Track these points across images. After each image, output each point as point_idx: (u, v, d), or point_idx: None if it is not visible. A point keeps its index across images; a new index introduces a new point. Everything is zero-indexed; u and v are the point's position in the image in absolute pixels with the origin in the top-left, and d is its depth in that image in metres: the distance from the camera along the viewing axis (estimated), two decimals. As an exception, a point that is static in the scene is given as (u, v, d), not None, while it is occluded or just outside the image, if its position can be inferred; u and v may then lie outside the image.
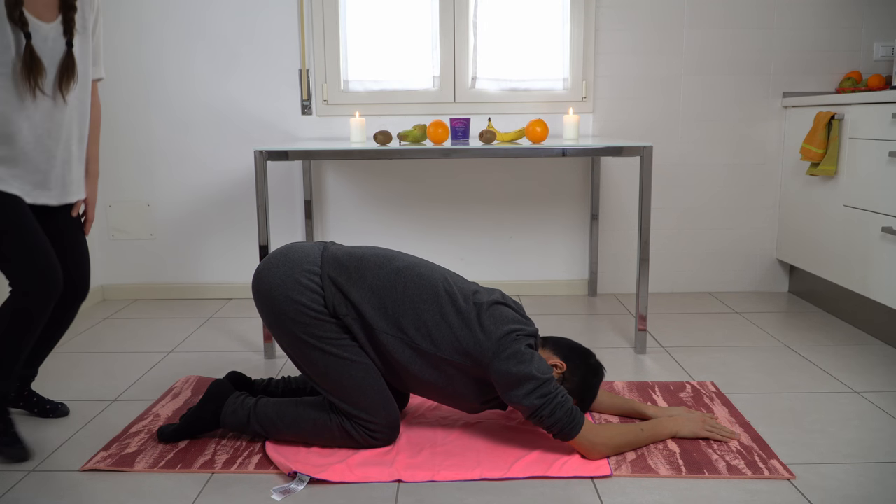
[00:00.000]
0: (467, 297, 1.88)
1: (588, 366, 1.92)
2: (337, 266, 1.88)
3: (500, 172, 3.49)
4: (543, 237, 3.55)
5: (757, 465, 1.81)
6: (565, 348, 1.93)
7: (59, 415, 2.16)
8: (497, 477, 1.77)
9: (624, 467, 1.80)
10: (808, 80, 3.40)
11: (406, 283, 1.87)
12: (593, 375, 1.93)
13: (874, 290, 2.72)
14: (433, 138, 2.74)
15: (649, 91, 3.42)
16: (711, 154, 3.47)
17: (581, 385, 1.91)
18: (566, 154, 2.57)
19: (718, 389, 2.31)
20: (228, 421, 1.95)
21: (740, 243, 3.55)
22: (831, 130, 2.93)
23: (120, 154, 3.48)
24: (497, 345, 1.80)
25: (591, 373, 1.93)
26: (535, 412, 1.77)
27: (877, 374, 2.44)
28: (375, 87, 3.43)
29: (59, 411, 2.16)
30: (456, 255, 3.56)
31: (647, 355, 2.67)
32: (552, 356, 1.91)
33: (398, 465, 1.83)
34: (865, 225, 2.76)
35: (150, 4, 3.35)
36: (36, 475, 1.82)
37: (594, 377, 1.93)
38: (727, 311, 3.25)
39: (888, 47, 3.35)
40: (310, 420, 1.89)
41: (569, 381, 1.90)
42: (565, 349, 1.93)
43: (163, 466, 1.84)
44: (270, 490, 1.73)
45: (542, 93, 3.42)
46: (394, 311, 1.84)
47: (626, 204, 3.52)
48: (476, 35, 3.40)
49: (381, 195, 3.51)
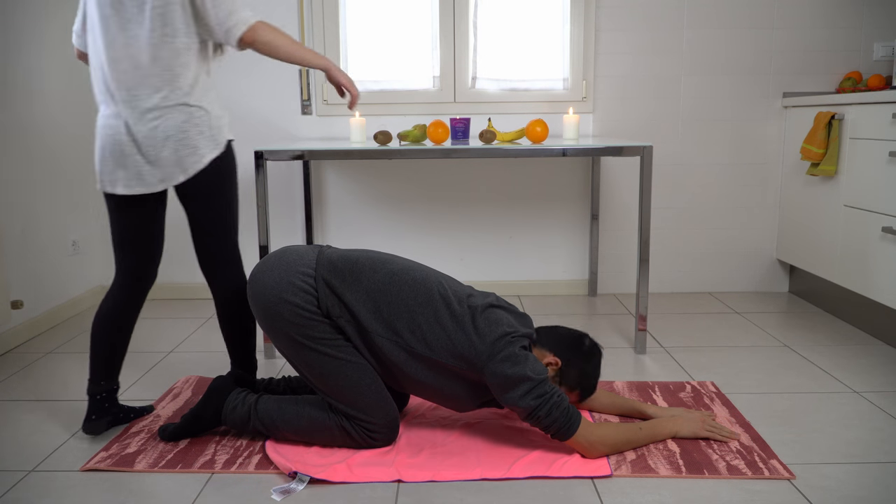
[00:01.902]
0: (462, 300, 1.88)
1: (582, 353, 1.91)
2: (331, 269, 1.88)
3: (500, 172, 3.49)
4: (543, 237, 3.55)
5: (757, 465, 1.81)
6: (557, 342, 1.92)
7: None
8: (497, 477, 1.77)
9: (624, 467, 1.80)
10: (808, 80, 3.40)
11: (401, 286, 1.87)
12: (589, 360, 1.92)
13: (874, 290, 2.72)
14: (433, 138, 2.74)
15: (649, 91, 3.42)
16: (711, 154, 3.47)
17: (580, 375, 1.91)
18: (566, 154, 2.57)
19: (718, 389, 2.31)
20: (230, 418, 1.95)
21: (740, 243, 3.55)
22: (831, 130, 2.93)
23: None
24: (491, 347, 1.80)
25: (587, 359, 1.91)
26: (532, 413, 1.77)
27: (877, 374, 2.44)
28: (375, 87, 3.43)
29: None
30: (456, 255, 3.56)
31: (647, 355, 2.67)
32: (546, 353, 1.91)
33: (398, 465, 1.83)
34: (865, 225, 2.76)
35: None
36: (36, 475, 1.82)
37: (591, 360, 1.92)
38: (727, 311, 3.25)
39: (888, 47, 3.35)
40: (310, 419, 1.89)
41: (566, 374, 1.90)
42: (557, 343, 1.92)
43: (163, 466, 1.84)
44: (270, 490, 1.73)
45: (542, 93, 3.42)
46: (388, 314, 1.84)
47: (626, 204, 3.52)
48: (476, 35, 3.40)
49: (381, 195, 3.51)
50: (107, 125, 1.91)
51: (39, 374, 2.53)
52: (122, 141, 1.89)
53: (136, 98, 1.88)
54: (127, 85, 1.88)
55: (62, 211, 3.21)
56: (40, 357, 2.72)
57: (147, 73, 1.87)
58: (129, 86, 1.88)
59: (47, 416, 2.17)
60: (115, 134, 1.89)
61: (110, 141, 1.90)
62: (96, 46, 1.90)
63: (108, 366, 2.02)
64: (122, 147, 1.89)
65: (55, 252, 3.16)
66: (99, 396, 2.01)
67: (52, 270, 3.13)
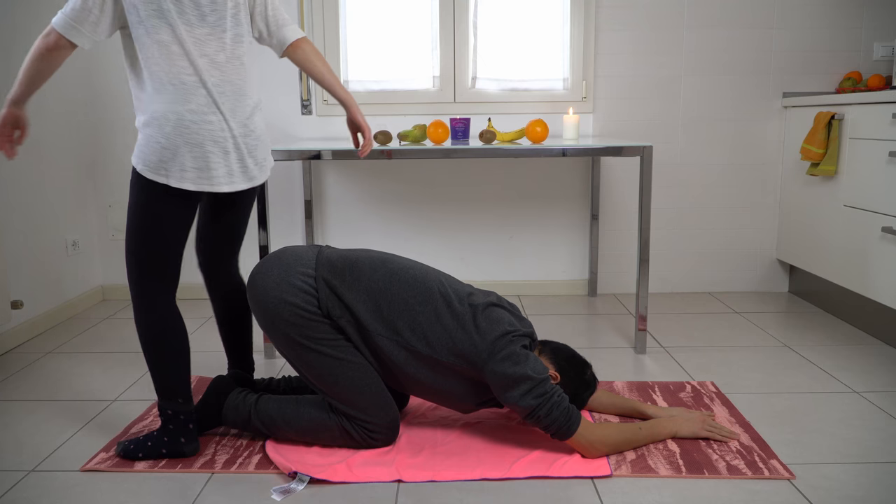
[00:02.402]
0: (462, 298, 1.88)
1: (581, 380, 1.91)
2: (331, 269, 1.88)
3: (500, 172, 3.49)
4: (543, 237, 3.55)
5: (757, 465, 1.81)
6: (562, 358, 1.92)
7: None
8: (497, 477, 1.77)
9: (624, 467, 1.80)
10: (808, 80, 3.40)
11: (401, 284, 1.87)
12: (585, 389, 1.93)
13: (874, 290, 2.72)
14: (433, 138, 2.74)
15: (649, 91, 3.42)
16: (711, 154, 3.47)
17: (572, 398, 1.91)
18: (566, 154, 2.57)
19: (718, 389, 2.31)
20: (230, 417, 1.95)
21: (740, 243, 3.55)
22: (831, 130, 2.93)
23: (120, 153, 3.48)
24: (492, 346, 1.80)
25: (584, 387, 1.92)
26: (532, 412, 1.77)
27: (877, 374, 2.44)
28: (375, 87, 3.43)
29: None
30: (456, 255, 3.57)
31: (647, 355, 2.67)
32: (548, 364, 1.91)
33: (398, 465, 1.83)
34: (865, 225, 2.76)
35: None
36: (36, 475, 1.82)
37: (585, 391, 1.93)
38: (727, 311, 3.25)
39: (888, 47, 3.35)
40: (310, 419, 1.89)
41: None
42: (562, 359, 1.91)
43: (163, 466, 1.84)
44: (270, 490, 1.73)
45: (542, 93, 3.42)
46: (388, 313, 1.84)
47: (626, 204, 3.52)
48: (476, 35, 3.40)
49: (381, 195, 3.51)
50: (203, 121, 1.83)
51: (39, 374, 2.53)
52: (224, 137, 1.86)
53: (232, 96, 1.88)
54: (222, 83, 1.87)
55: (62, 211, 3.22)
56: (40, 357, 2.72)
57: (236, 72, 1.88)
58: (225, 84, 1.87)
59: (47, 416, 2.17)
60: (215, 131, 1.84)
61: (210, 138, 1.84)
62: (182, 43, 1.82)
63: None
64: (224, 145, 1.86)
65: (55, 252, 3.16)
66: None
67: (52, 270, 3.13)
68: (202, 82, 1.82)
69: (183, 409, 1.86)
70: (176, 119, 1.79)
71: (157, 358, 1.85)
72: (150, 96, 1.81)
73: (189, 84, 1.80)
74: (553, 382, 1.88)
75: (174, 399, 1.86)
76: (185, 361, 1.87)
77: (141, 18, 1.76)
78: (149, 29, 1.77)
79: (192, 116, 1.81)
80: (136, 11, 1.76)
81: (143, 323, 1.85)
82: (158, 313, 1.85)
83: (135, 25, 1.77)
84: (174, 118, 1.79)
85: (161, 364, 1.85)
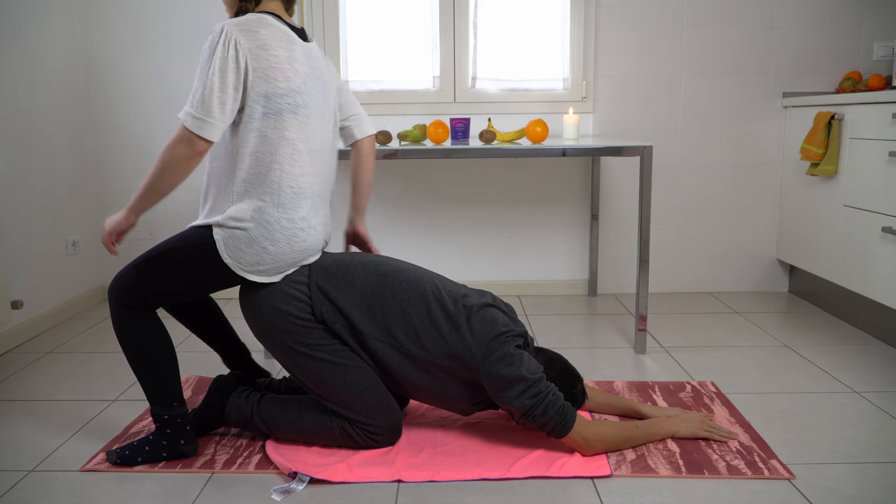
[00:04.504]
0: (456, 300, 1.87)
1: (570, 393, 1.91)
2: (325, 274, 1.87)
3: (500, 172, 3.49)
4: (543, 237, 3.55)
5: (757, 465, 1.81)
6: (554, 369, 1.91)
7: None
8: (497, 477, 1.77)
9: (624, 467, 1.80)
10: (808, 80, 3.40)
11: (394, 287, 1.86)
12: (571, 403, 1.92)
13: (874, 290, 2.72)
14: (433, 138, 2.74)
15: (649, 91, 3.42)
16: (712, 154, 3.47)
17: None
18: (566, 154, 2.57)
19: (718, 389, 2.31)
20: (233, 416, 1.95)
21: (740, 243, 3.55)
22: (831, 130, 2.93)
23: (119, 154, 3.48)
24: (486, 347, 1.79)
25: (571, 400, 1.92)
26: (528, 412, 1.77)
27: (877, 374, 2.44)
28: (375, 87, 3.43)
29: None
30: (456, 255, 3.56)
31: (647, 355, 2.67)
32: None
33: (398, 465, 1.83)
34: (865, 225, 2.76)
35: (153, 4, 3.35)
36: (36, 475, 1.82)
37: (574, 402, 1.93)
38: (727, 311, 3.25)
39: (888, 47, 3.35)
40: (311, 420, 1.89)
41: None
42: (554, 371, 1.91)
43: (163, 467, 1.84)
44: (270, 490, 1.73)
45: (542, 93, 3.42)
46: (382, 317, 1.84)
47: (626, 204, 3.52)
48: (476, 35, 3.40)
49: (381, 195, 3.51)
50: (310, 226, 1.88)
51: (39, 374, 2.53)
52: (319, 242, 1.93)
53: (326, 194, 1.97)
54: (327, 182, 1.96)
55: (62, 211, 3.22)
56: (40, 357, 2.72)
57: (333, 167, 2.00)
58: (327, 182, 1.96)
59: (47, 416, 2.17)
60: (318, 240, 1.92)
61: (315, 249, 1.91)
62: (316, 140, 1.87)
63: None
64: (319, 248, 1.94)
65: (55, 252, 3.16)
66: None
67: (52, 270, 3.13)
68: (311, 185, 1.88)
69: (179, 413, 1.85)
70: (290, 228, 1.83)
71: (146, 369, 1.81)
72: (246, 189, 1.79)
73: (304, 188, 1.86)
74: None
75: (169, 405, 1.84)
76: (174, 366, 1.85)
77: (269, 112, 1.76)
78: (276, 123, 1.77)
79: (302, 224, 1.85)
80: (266, 102, 1.75)
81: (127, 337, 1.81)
82: (141, 326, 1.81)
83: (258, 117, 1.76)
84: (288, 226, 1.82)
85: (151, 374, 1.82)
